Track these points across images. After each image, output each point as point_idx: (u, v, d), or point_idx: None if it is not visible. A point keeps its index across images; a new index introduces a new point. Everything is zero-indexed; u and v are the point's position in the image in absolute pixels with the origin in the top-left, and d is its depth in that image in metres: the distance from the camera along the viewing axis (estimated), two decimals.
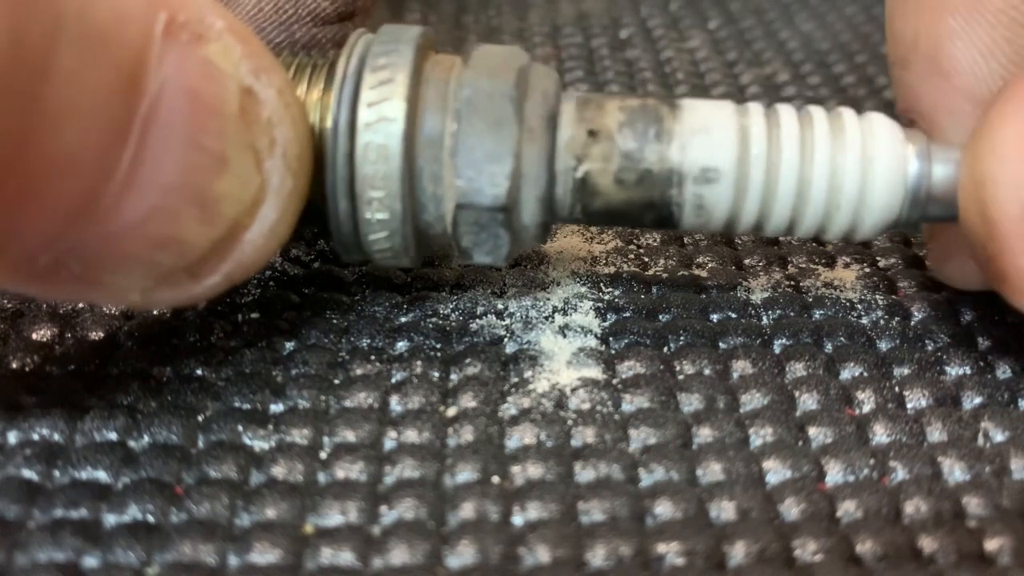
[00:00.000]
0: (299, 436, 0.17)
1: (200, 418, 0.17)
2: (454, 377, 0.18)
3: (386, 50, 0.17)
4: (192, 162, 0.15)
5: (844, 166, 0.17)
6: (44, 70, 0.13)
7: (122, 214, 0.14)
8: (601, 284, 0.21)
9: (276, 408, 0.18)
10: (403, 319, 0.20)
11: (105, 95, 0.14)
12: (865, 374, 0.18)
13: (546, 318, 0.20)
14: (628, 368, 0.18)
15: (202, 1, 0.15)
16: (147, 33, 0.14)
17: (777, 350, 0.19)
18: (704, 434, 0.17)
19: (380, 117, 0.17)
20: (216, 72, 0.15)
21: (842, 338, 0.19)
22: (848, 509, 0.16)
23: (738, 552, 0.15)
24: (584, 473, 0.16)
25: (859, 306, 0.20)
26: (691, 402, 0.18)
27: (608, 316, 0.20)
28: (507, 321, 0.20)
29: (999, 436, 0.17)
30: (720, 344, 0.19)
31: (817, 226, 0.18)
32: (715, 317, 0.20)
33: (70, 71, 0.13)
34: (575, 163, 0.17)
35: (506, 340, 0.19)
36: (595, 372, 0.18)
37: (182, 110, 0.14)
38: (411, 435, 0.17)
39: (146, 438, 0.17)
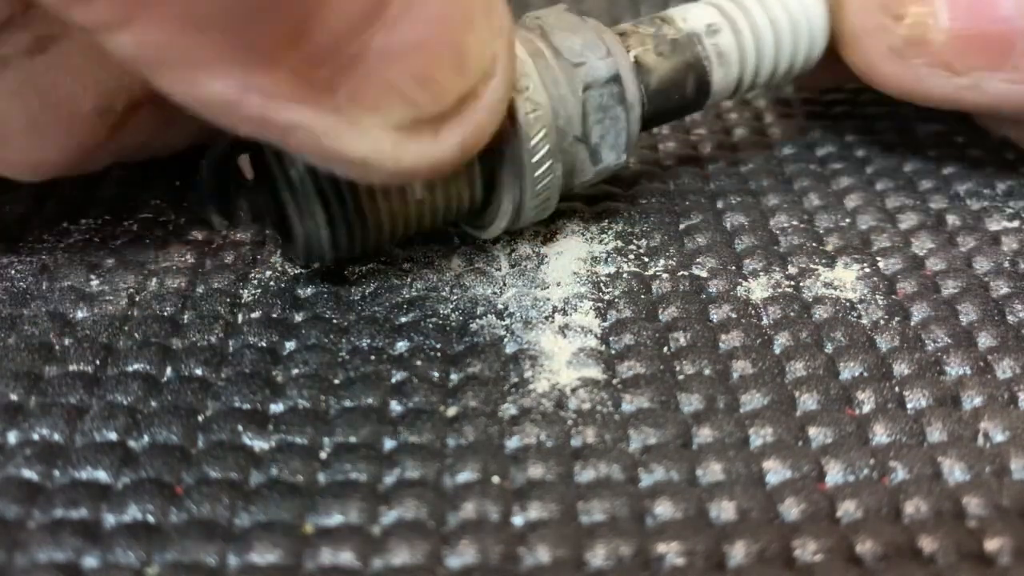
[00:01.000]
0: (299, 436, 0.17)
1: (200, 418, 0.17)
2: (454, 377, 0.18)
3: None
4: (450, 10, 0.17)
5: (794, 10, 0.23)
6: None
7: (397, 35, 0.16)
8: (601, 284, 0.21)
9: (276, 408, 0.18)
10: (403, 319, 0.20)
11: None
12: (865, 374, 0.18)
13: (546, 318, 0.20)
14: (628, 368, 0.18)
15: None
16: None
17: (777, 350, 0.19)
18: (704, 434, 0.17)
19: (545, 153, 0.19)
20: None
21: (842, 338, 0.19)
22: (848, 509, 0.16)
23: (738, 552, 0.15)
24: (584, 473, 0.16)
25: (859, 306, 0.20)
26: (691, 402, 0.18)
27: (608, 316, 0.20)
28: (507, 321, 0.20)
29: (999, 436, 0.17)
30: (720, 344, 0.19)
31: (790, 56, 0.23)
32: (715, 317, 0.20)
33: None
34: (627, 48, 0.21)
35: (506, 340, 0.19)
36: (595, 372, 0.18)
37: None
38: (411, 435, 0.17)
39: (146, 438, 0.17)
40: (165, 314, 0.20)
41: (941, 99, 0.22)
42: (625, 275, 0.21)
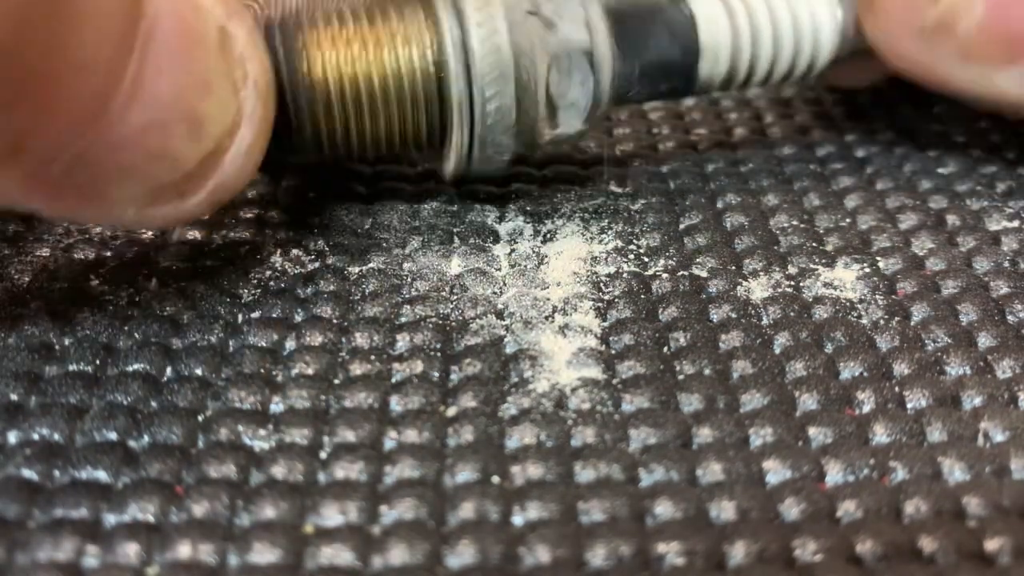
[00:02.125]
0: (299, 436, 0.17)
1: (200, 418, 0.17)
2: (454, 377, 0.18)
3: (482, 18, 0.20)
4: (183, 83, 0.17)
5: (800, 15, 0.23)
6: None
7: (126, 123, 0.16)
8: (601, 284, 0.21)
9: (276, 408, 0.18)
10: (403, 319, 0.20)
11: (116, 7, 0.16)
12: (865, 374, 0.18)
13: (546, 318, 0.20)
14: (628, 368, 0.18)
15: None
16: None
17: (777, 350, 0.19)
18: (704, 434, 0.17)
19: (498, 91, 0.20)
20: (199, 10, 0.17)
21: (842, 338, 0.19)
22: (848, 509, 0.16)
23: (738, 552, 0.15)
24: (584, 473, 0.16)
25: (859, 306, 0.20)
26: (691, 402, 0.18)
27: (608, 316, 0.20)
28: (507, 321, 0.20)
29: (999, 436, 0.17)
30: (720, 344, 0.19)
31: (790, 61, 0.23)
32: (715, 317, 0.20)
33: None
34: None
35: (506, 340, 0.19)
36: (595, 372, 0.18)
37: (174, 37, 0.16)
38: (411, 435, 0.17)
39: (146, 438, 0.17)
40: (165, 314, 0.20)
41: (951, 86, 0.22)
42: (625, 275, 0.21)
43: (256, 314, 0.20)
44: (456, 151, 0.21)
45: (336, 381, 0.18)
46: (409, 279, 0.21)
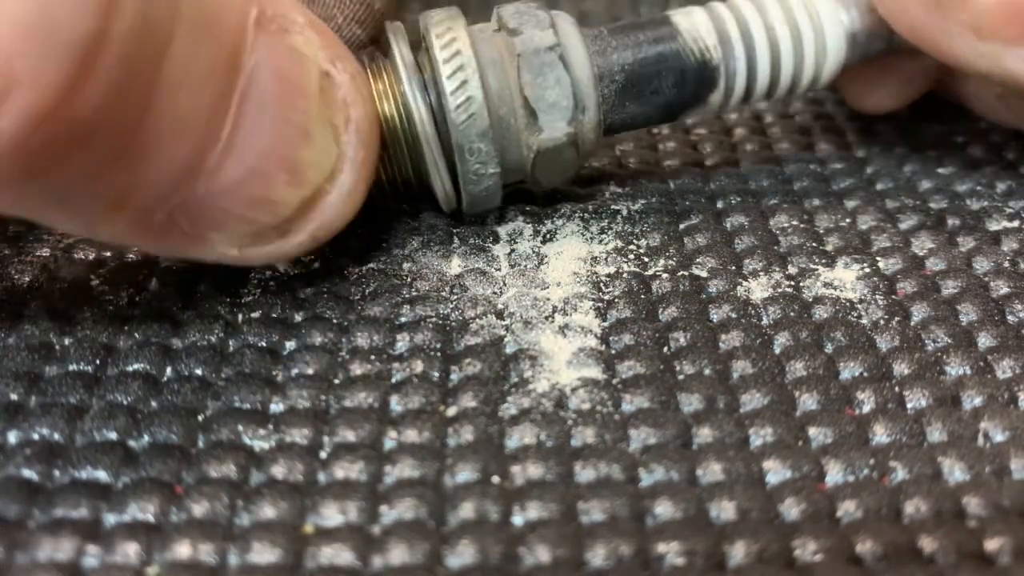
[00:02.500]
0: (299, 436, 0.17)
1: (200, 418, 0.17)
2: (454, 377, 0.18)
3: (442, 30, 0.20)
4: (282, 133, 0.17)
5: (800, 25, 0.22)
6: (165, 45, 0.15)
7: (224, 174, 0.17)
8: (601, 284, 0.21)
9: (276, 408, 0.18)
10: (403, 319, 0.20)
11: (211, 69, 0.16)
12: (865, 374, 0.18)
13: (546, 318, 0.20)
14: (628, 368, 0.18)
15: (287, 0, 0.17)
16: (243, 22, 0.16)
17: (777, 350, 0.19)
18: (704, 434, 0.17)
19: (462, 83, 0.20)
20: (300, 57, 0.17)
21: (842, 338, 0.19)
22: (848, 509, 0.16)
23: (738, 552, 0.15)
24: (584, 473, 0.16)
25: (859, 306, 0.20)
26: (691, 402, 0.18)
27: (608, 316, 0.20)
28: (507, 321, 0.20)
29: (999, 436, 0.17)
30: (720, 344, 0.19)
31: (792, 75, 0.22)
32: (715, 317, 0.20)
33: (185, 47, 0.15)
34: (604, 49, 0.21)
35: (506, 340, 0.19)
36: (595, 372, 0.18)
37: (272, 88, 0.17)
38: (411, 435, 0.17)
39: (146, 438, 0.17)
40: (165, 314, 0.20)
41: (957, 59, 0.21)
42: (625, 275, 0.21)
43: (256, 314, 0.20)
44: (432, 166, 0.20)
45: (336, 381, 0.18)
46: (409, 279, 0.21)
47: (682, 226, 0.23)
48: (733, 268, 0.21)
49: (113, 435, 0.17)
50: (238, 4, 0.17)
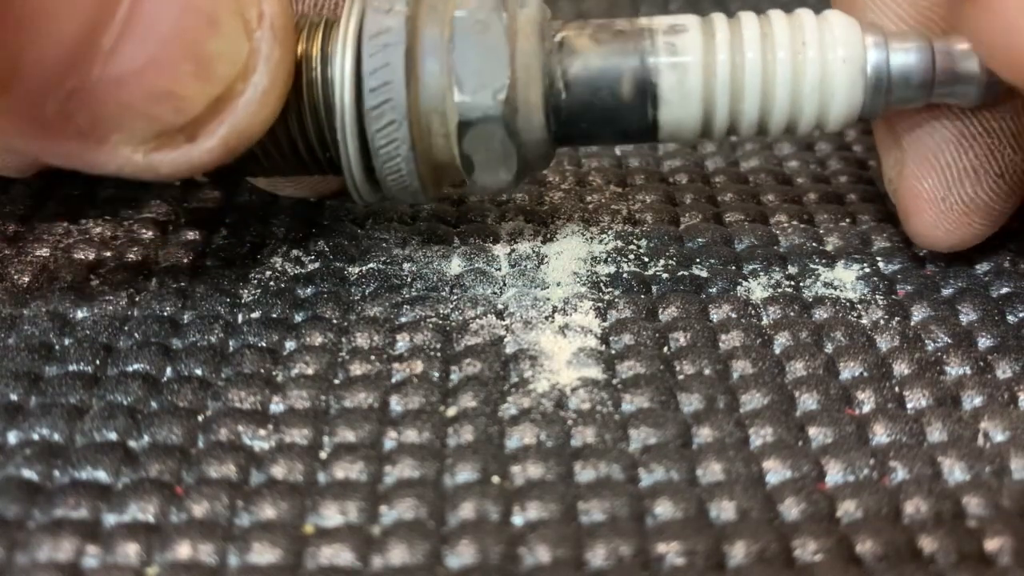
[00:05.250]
0: (299, 436, 0.17)
1: (200, 418, 0.17)
2: (454, 377, 0.18)
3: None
4: (185, 20, 0.16)
5: (804, 61, 0.18)
6: None
7: (122, 59, 0.16)
8: (601, 284, 0.21)
9: (276, 408, 0.18)
10: (403, 319, 0.20)
11: None
12: (865, 374, 0.18)
13: (546, 318, 0.20)
14: (628, 368, 0.18)
15: None
16: None
17: (777, 350, 0.19)
18: (704, 434, 0.17)
19: (384, 45, 0.18)
20: None
21: (842, 338, 0.19)
22: (848, 509, 0.16)
23: (738, 552, 0.15)
24: (584, 473, 0.16)
25: (859, 306, 0.20)
26: (691, 402, 0.18)
27: (608, 316, 0.20)
28: (507, 321, 0.20)
29: (999, 436, 0.17)
30: (720, 344, 0.19)
31: (788, 117, 0.18)
32: (715, 317, 0.20)
33: None
34: (555, 35, 0.18)
35: (506, 340, 0.19)
36: (595, 372, 0.18)
37: None
38: (411, 435, 0.17)
39: (146, 438, 0.17)
40: (165, 314, 0.20)
41: None
42: (625, 275, 0.21)
43: (256, 314, 0.20)
44: (340, 135, 0.18)
45: (336, 381, 0.18)
46: (409, 279, 0.21)
47: (682, 226, 0.23)
48: (733, 268, 0.21)
49: (113, 435, 0.17)
50: None
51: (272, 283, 0.21)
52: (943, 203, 0.19)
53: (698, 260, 0.21)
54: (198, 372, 0.18)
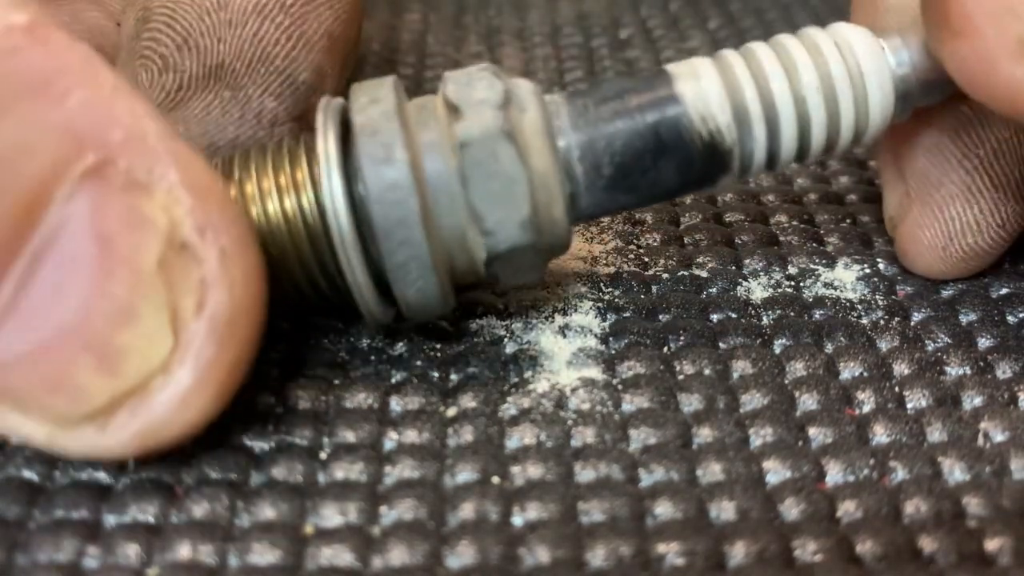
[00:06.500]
0: (299, 436, 0.17)
1: None
2: (454, 377, 0.18)
3: (368, 112, 0.17)
4: (92, 307, 0.14)
5: (834, 79, 0.17)
6: None
7: (6, 342, 0.14)
8: (601, 284, 0.21)
9: (276, 408, 0.18)
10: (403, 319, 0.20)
11: None
12: (865, 374, 0.18)
13: (546, 318, 0.20)
14: (628, 368, 0.18)
15: (160, 152, 0.14)
16: (56, 169, 0.14)
17: (777, 350, 0.19)
18: (704, 434, 0.17)
19: (394, 203, 0.16)
20: (139, 221, 0.14)
21: (842, 338, 0.19)
22: (848, 509, 0.16)
23: (738, 552, 0.15)
24: (584, 473, 0.16)
25: (859, 306, 0.20)
26: (691, 402, 0.18)
27: (608, 316, 0.20)
28: (507, 321, 0.20)
29: (999, 436, 0.17)
30: (720, 344, 0.19)
31: (824, 144, 0.18)
32: (715, 317, 0.20)
33: None
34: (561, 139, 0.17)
35: (506, 340, 0.19)
36: (595, 372, 0.18)
37: (85, 252, 0.14)
38: (411, 435, 0.17)
39: None
40: None
41: None
42: (625, 275, 0.21)
43: None
44: (346, 264, 0.17)
45: (336, 381, 0.18)
46: None
47: (682, 226, 0.23)
48: (733, 268, 0.21)
49: None
50: (49, 148, 0.14)
51: None
52: (943, 251, 0.20)
53: (698, 260, 0.21)
54: None
